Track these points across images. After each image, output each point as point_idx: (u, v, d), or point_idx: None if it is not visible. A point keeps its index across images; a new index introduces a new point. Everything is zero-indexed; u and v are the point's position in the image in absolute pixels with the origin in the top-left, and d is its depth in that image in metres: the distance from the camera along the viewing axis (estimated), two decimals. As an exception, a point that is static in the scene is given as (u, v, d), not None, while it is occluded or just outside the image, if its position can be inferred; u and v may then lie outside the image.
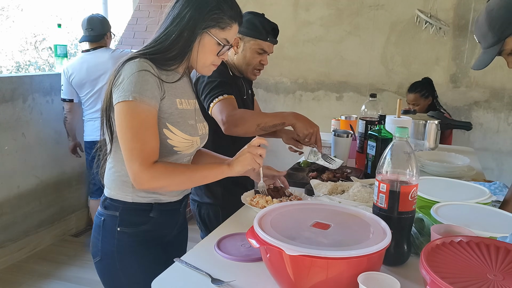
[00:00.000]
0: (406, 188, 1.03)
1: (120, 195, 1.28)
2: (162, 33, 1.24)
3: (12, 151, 3.09)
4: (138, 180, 1.16)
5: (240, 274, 1.04)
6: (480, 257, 0.86)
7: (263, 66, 1.96)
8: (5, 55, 4.46)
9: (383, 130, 1.74)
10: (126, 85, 1.15)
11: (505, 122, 3.58)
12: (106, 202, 1.31)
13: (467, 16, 3.51)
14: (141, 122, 1.15)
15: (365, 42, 3.79)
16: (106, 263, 1.30)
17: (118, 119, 1.17)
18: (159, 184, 1.20)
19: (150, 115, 1.17)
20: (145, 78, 1.17)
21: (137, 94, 1.14)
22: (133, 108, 1.15)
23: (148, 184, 1.18)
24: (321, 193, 1.51)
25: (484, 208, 1.25)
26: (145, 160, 1.15)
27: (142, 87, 1.15)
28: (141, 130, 1.15)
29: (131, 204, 1.28)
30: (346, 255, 0.86)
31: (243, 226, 1.29)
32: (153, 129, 1.18)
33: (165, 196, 1.33)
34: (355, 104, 3.85)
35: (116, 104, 1.17)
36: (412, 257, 1.10)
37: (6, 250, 3.08)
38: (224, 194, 1.92)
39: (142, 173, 1.15)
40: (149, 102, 1.16)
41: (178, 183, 1.25)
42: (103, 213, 1.31)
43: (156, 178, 1.17)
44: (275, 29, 1.93)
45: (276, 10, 3.90)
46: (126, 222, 1.29)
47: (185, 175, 1.23)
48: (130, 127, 1.15)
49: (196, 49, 1.26)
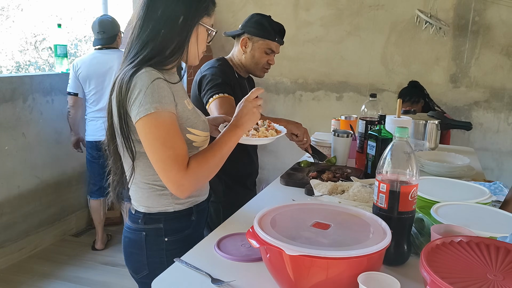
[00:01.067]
0: (406, 188, 1.03)
1: (160, 208, 1.28)
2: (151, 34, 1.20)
3: (12, 151, 3.09)
4: (181, 188, 1.16)
5: (240, 274, 1.04)
6: (480, 257, 0.86)
7: (270, 65, 2.01)
8: (5, 55, 4.46)
9: (383, 130, 1.74)
10: (144, 98, 1.13)
11: (505, 122, 3.58)
12: (145, 218, 1.29)
13: (467, 16, 3.51)
14: (167, 130, 1.15)
15: (365, 42, 3.79)
16: (157, 274, 1.26)
17: (143, 133, 1.16)
18: (202, 181, 1.23)
19: (174, 121, 1.17)
20: (160, 86, 1.16)
21: (158, 104, 1.13)
22: (156, 118, 1.14)
23: (193, 187, 1.19)
24: (321, 193, 1.51)
25: (484, 208, 1.25)
26: (181, 165, 1.15)
27: (160, 95, 1.15)
28: (169, 137, 1.15)
29: (173, 213, 1.29)
30: (346, 255, 0.86)
31: (243, 226, 1.29)
32: (179, 133, 1.18)
33: (199, 197, 1.36)
34: (355, 104, 3.85)
35: (138, 121, 1.15)
36: (412, 257, 1.10)
37: (6, 250, 3.08)
38: (225, 192, 1.95)
39: (183, 178, 1.15)
40: (170, 109, 1.16)
41: (214, 167, 1.23)
42: (143, 228, 1.29)
43: (196, 177, 1.18)
44: (283, 30, 1.98)
45: (276, 10, 3.90)
46: (172, 231, 1.30)
47: (216, 156, 1.21)
48: (157, 137, 1.14)
49: (194, 42, 1.25)
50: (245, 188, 2.02)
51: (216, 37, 1.34)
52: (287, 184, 1.75)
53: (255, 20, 1.95)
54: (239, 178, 2.02)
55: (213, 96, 1.78)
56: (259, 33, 1.92)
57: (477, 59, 3.55)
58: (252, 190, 2.13)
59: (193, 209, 1.34)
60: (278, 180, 1.79)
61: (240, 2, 4.02)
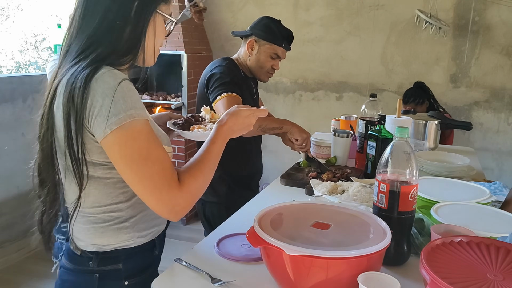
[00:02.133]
0: (406, 188, 1.03)
1: (118, 244, 1.04)
2: (100, 25, 0.96)
3: (12, 151, 3.08)
4: (176, 208, 0.95)
5: (240, 274, 1.04)
6: (480, 257, 0.86)
7: (275, 70, 2.01)
8: (5, 55, 4.46)
9: (383, 130, 1.74)
10: (114, 106, 0.89)
11: (505, 122, 3.58)
12: (98, 259, 1.03)
13: (467, 16, 3.51)
14: (148, 140, 0.93)
15: (365, 42, 3.79)
16: None
17: (116, 150, 0.91)
18: (198, 196, 1.00)
19: (151, 129, 0.96)
20: (129, 87, 0.93)
21: (132, 111, 0.91)
22: (133, 128, 0.91)
23: (189, 205, 0.97)
24: (321, 193, 1.51)
25: (484, 208, 1.25)
26: (173, 181, 0.94)
27: (132, 99, 0.92)
28: (151, 149, 0.93)
29: (133, 249, 1.06)
30: (346, 255, 0.86)
31: (243, 226, 1.28)
32: (160, 143, 0.97)
33: (161, 225, 1.14)
34: (355, 104, 3.85)
35: (107, 136, 0.90)
36: (412, 257, 1.10)
37: (5, 251, 3.08)
38: (228, 194, 1.95)
39: (178, 196, 0.94)
40: (146, 115, 0.95)
41: (209, 176, 1.03)
42: (96, 270, 1.04)
43: (192, 193, 0.97)
44: (291, 36, 1.98)
45: (276, 10, 3.89)
46: (133, 271, 1.07)
47: (205, 163, 1.01)
48: (137, 151, 0.91)
49: (151, 36, 1.02)
50: (249, 190, 2.01)
51: (216, 37, 1.28)
52: (287, 184, 1.75)
53: (264, 23, 1.94)
54: (243, 179, 2.02)
55: (221, 94, 1.78)
56: (266, 36, 1.92)
57: (477, 59, 3.55)
58: (255, 191, 2.13)
59: (155, 242, 1.11)
60: (278, 180, 1.79)
61: (240, 2, 4.02)
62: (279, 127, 1.85)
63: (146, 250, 1.09)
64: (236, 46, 2.04)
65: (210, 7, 4.08)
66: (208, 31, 4.09)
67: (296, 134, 1.85)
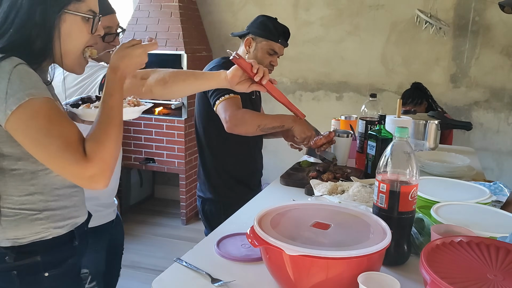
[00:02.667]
0: (406, 188, 1.03)
1: (33, 237, 1.01)
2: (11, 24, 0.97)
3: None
4: (94, 179, 0.93)
5: (240, 274, 1.04)
6: (480, 257, 0.86)
7: (273, 67, 2.03)
8: (5, 55, 4.45)
9: (383, 130, 1.74)
10: (10, 87, 0.89)
11: (505, 122, 3.58)
12: (14, 253, 1.00)
13: (467, 16, 3.51)
14: (49, 117, 0.91)
15: (365, 42, 3.79)
16: None
17: (20, 131, 0.91)
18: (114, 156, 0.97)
19: (54, 105, 0.94)
20: (27, 70, 0.93)
21: (32, 90, 0.90)
22: (32, 107, 0.90)
23: (106, 171, 0.95)
24: (321, 193, 1.51)
25: (484, 208, 1.25)
26: (78, 153, 0.91)
27: (31, 80, 0.92)
28: (52, 125, 0.91)
29: (51, 240, 1.04)
30: (346, 255, 0.86)
31: (243, 226, 1.29)
32: (65, 117, 0.96)
33: (79, 218, 1.12)
34: (355, 104, 3.85)
35: (9, 119, 0.89)
36: (412, 257, 1.10)
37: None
38: (226, 191, 1.96)
39: (89, 167, 0.91)
40: (48, 94, 0.94)
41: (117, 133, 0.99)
42: (12, 266, 1.00)
43: (102, 158, 0.94)
44: (287, 32, 1.99)
45: (276, 10, 3.89)
46: (53, 263, 1.05)
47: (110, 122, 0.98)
48: (38, 129, 0.90)
49: (65, 36, 1.00)
50: (248, 188, 2.02)
51: (216, 37, 1.25)
52: (287, 184, 1.75)
53: (260, 21, 1.97)
54: (242, 177, 2.02)
55: (220, 98, 1.79)
56: (262, 33, 1.94)
57: (477, 59, 3.55)
58: (255, 190, 2.12)
59: (74, 233, 1.09)
60: (278, 180, 1.79)
61: (240, 2, 4.02)
62: (280, 125, 1.83)
63: (65, 242, 1.08)
64: (236, 46, 2.05)
65: (210, 7, 4.09)
66: (208, 31, 4.09)
67: (296, 133, 1.84)
